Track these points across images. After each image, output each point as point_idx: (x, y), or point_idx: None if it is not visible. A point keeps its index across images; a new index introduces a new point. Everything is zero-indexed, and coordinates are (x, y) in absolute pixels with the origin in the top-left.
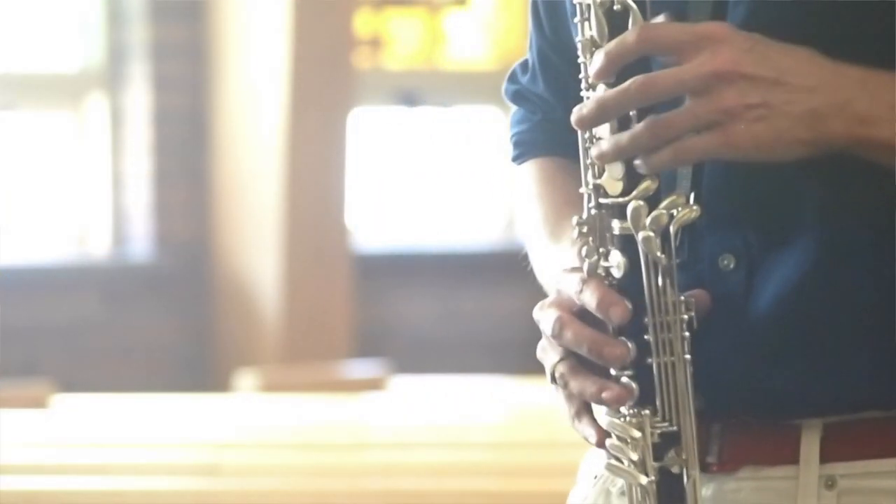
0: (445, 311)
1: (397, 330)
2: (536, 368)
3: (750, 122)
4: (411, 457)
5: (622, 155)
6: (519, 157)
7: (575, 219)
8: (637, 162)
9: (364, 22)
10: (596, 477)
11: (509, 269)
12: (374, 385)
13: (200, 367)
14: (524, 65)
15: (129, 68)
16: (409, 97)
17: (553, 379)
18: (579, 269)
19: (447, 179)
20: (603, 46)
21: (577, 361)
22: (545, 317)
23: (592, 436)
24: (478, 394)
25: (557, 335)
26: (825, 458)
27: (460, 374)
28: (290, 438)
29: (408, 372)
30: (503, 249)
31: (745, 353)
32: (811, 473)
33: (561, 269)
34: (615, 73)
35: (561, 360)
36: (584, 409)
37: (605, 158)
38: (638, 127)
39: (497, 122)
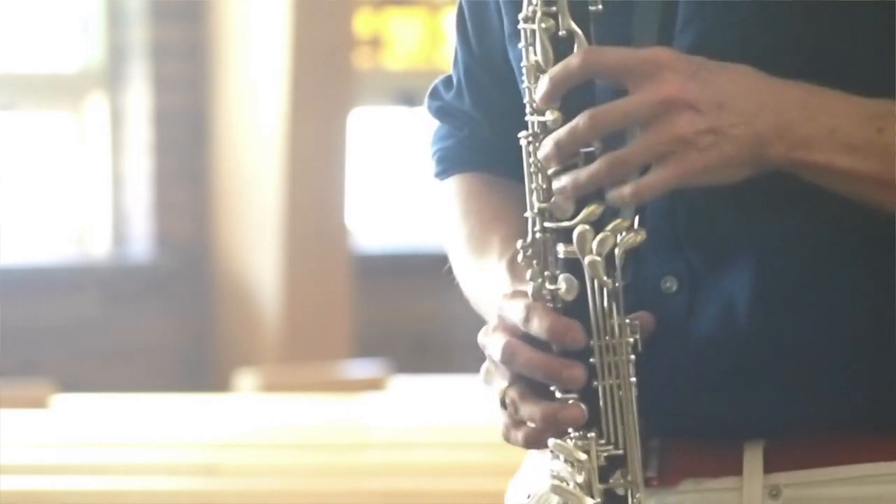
0: (445, 311)
1: (397, 330)
2: None
3: (701, 150)
4: (411, 457)
5: (581, 192)
6: (443, 173)
7: (519, 242)
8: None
9: (364, 22)
10: (529, 496)
11: None
12: (374, 385)
13: (200, 367)
14: (447, 81)
15: (129, 68)
16: (409, 97)
17: (503, 404)
18: (519, 294)
19: None
20: (548, 71)
21: (525, 386)
22: (492, 343)
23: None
24: (478, 394)
25: (508, 361)
26: (769, 467)
27: (460, 374)
28: (290, 438)
29: (408, 372)
30: None
31: (686, 376)
32: (755, 484)
33: (500, 293)
34: (560, 97)
35: (509, 385)
36: (521, 422)
37: (564, 194)
38: (595, 165)
39: None
